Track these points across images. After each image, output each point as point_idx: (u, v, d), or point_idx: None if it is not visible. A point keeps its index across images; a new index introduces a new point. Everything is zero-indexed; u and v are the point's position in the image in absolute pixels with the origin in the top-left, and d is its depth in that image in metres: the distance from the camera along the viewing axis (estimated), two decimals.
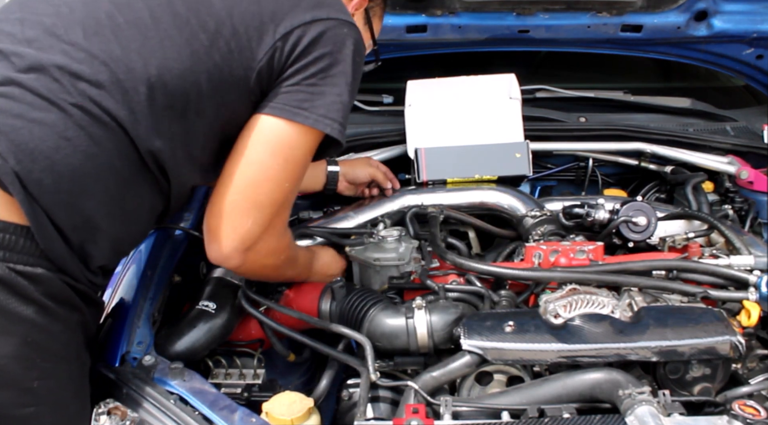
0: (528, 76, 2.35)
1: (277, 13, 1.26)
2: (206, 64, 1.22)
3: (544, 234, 1.82)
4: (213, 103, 1.26)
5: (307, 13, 1.27)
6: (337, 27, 1.29)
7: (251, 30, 1.24)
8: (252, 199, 1.33)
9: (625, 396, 1.26)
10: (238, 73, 1.25)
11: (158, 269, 1.65)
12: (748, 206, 2.10)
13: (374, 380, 1.40)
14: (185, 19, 1.21)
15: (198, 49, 1.21)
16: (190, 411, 1.30)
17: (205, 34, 1.22)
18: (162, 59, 1.19)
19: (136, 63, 1.18)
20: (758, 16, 2.09)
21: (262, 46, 1.25)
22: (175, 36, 1.20)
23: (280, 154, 1.31)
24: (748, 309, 1.51)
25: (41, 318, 1.15)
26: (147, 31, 1.20)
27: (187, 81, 1.21)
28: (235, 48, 1.24)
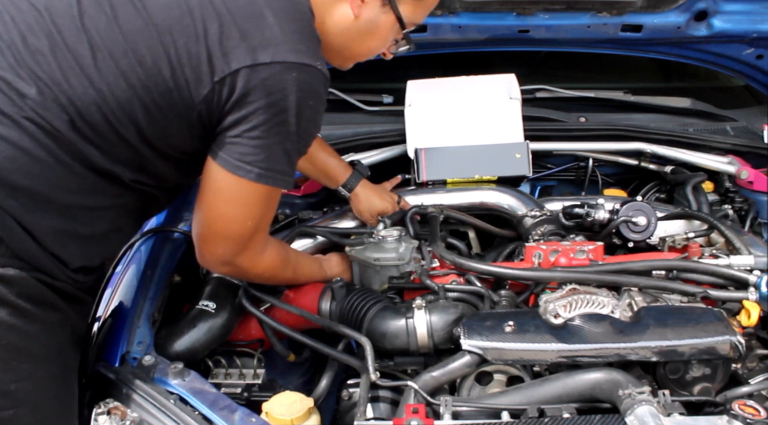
0: (528, 76, 2.35)
1: (214, 54, 1.18)
2: (144, 99, 1.19)
3: (544, 234, 1.83)
4: (155, 133, 1.23)
5: (249, 55, 1.18)
6: (282, 72, 1.19)
7: (188, 71, 1.18)
8: (217, 233, 1.36)
9: (625, 396, 1.26)
10: (179, 110, 1.22)
11: (158, 269, 1.65)
12: (748, 206, 2.10)
13: (374, 380, 1.40)
14: (123, 52, 1.17)
15: (135, 82, 1.18)
16: (190, 411, 1.30)
17: (142, 68, 1.17)
18: (100, 89, 1.17)
19: (76, 89, 1.16)
20: (758, 16, 2.09)
21: (200, 89, 1.19)
22: (111, 67, 1.17)
23: (233, 201, 1.30)
24: (748, 309, 1.51)
25: (16, 319, 1.15)
26: (84, 59, 1.16)
27: (126, 111, 1.19)
28: (174, 87, 1.19)
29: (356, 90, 2.42)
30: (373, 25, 1.39)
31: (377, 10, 1.37)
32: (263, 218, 1.38)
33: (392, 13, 1.38)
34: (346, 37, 1.40)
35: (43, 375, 1.22)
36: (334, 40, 1.39)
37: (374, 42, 1.45)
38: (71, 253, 1.23)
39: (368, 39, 1.43)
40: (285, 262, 1.55)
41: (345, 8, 1.36)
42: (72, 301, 1.28)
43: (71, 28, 1.17)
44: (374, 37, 1.43)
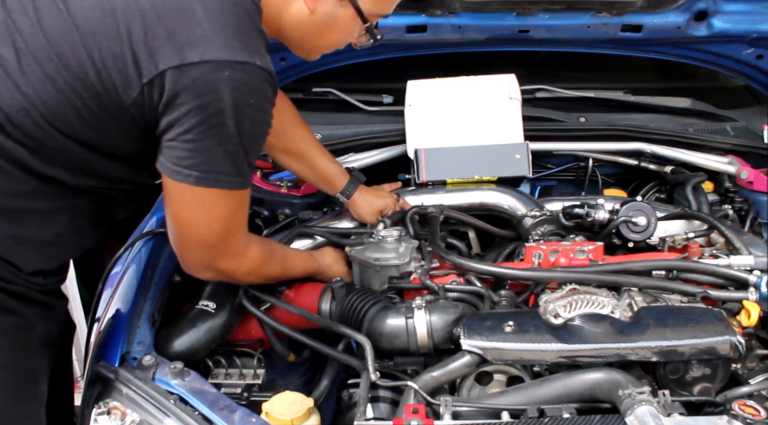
0: (528, 76, 2.35)
1: (140, 55, 1.12)
2: (74, 102, 1.15)
3: (544, 235, 1.83)
4: (92, 135, 1.20)
5: (176, 55, 1.11)
6: (213, 71, 1.12)
7: (114, 73, 1.13)
8: (188, 239, 1.32)
9: (625, 396, 1.26)
10: (112, 112, 1.17)
11: (158, 269, 1.65)
12: (748, 206, 2.10)
13: (374, 380, 1.40)
14: (47, 56, 1.13)
15: (63, 87, 1.14)
16: (190, 411, 1.30)
17: (67, 72, 1.14)
18: (27, 94, 1.14)
19: (3, 94, 1.14)
20: (758, 16, 2.09)
21: (129, 92, 1.14)
22: (37, 71, 1.13)
23: (185, 207, 1.25)
24: (748, 309, 1.51)
25: None
26: (9, 64, 1.14)
27: (57, 116, 1.15)
28: (102, 91, 1.15)
29: (356, 90, 2.42)
30: (331, 18, 1.33)
31: (333, 3, 1.31)
32: (231, 220, 1.31)
33: (351, 7, 1.31)
34: (304, 31, 1.35)
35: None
36: (292, 34, 1.34)
37: (335, 35, 1.40)
38: (24, 258, 1.21)
39: (328, 33, 1.37)
40: (270, 258, 1.51)
41: (299, 3, 1.30)
42: (32, 304, 1.26)
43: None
44: (334, 31, 1.38)
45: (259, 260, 1.47)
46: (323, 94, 2.38)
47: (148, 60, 1.12)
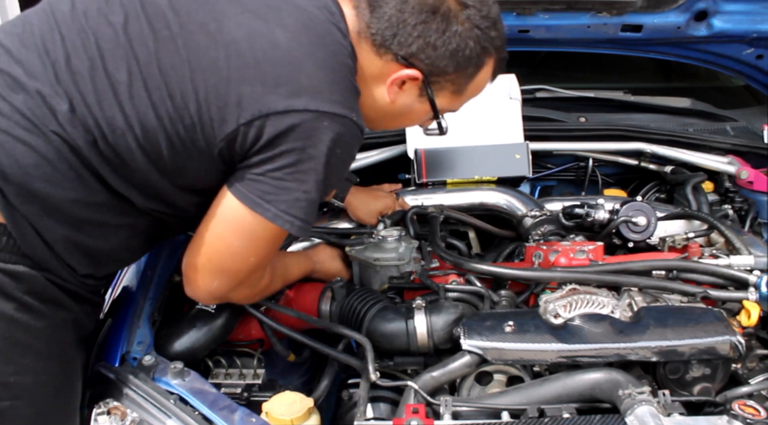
0: (528, 76, 2.35)
1: (244, 97, 1.18)
2: (169, 131, 1.20)
3: (544, 235, 1.83)
4: (175, 165, 1.25)
5: (282, 101, 1.18)
6: (314, 120, 1.18)
7: (214, 109, 1.19)
8: (217, 267, 1.33)
9: (625, 396, 1.26)
10: (201, 145, 1.22)
11: (158, 269, 1.65)
12: (748, 206, 2.10)
13: (374, 380, 1.40)
14: (156, 84, 1.19)
15: (163, 115, 1.19)
16: (190, 411, 1.30)
17: (171, 101, 1.19)
18: (129, 115, 1.19)
19: (106, 112, 1.19)
20: (758, 16, 2.09)
21: (224, 128, 1.19)
22: (144, 97, 1.19)
23: (242, 235, 1.29)
24: (748, 309, 1.51)
25: (21, 314, 1.18)
26: (120, 86, 1.19)
27: (150, 141, 1.20)
28: (197, 123, 1.20)
29: None
30: (407, 109, 1.39)
31: (413, 98, 1.36)
32: (266, 257, 1.37)
33: (428, 103, 1.36)
34: (379, 114, 1.40)
35: (43, 371, 1.24)
36: (367, 112, 1.37)
37: (405, 122, 1.51)
38: (79, 262, 1.26)
39: (400, 120, 1.45)
40: (273, 278, 1.53)
41: (382, 90, 1.34)
42: (81, 302, 1.30)
43: (114, 55, 1.20)
44: (406, 119, 1.46)
45: (266, 284, 1.50)
46: None
47: (253, 102, 1.18)
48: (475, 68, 1.34)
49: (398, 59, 1.28)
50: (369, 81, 1.33)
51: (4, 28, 1.26)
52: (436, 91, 1.35)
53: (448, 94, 1.37)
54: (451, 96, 1.38)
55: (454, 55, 1.28)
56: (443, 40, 1.27)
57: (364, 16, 1.28)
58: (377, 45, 1.28)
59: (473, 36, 1.28)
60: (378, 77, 1.32)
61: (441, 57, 1.28)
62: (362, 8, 1.28)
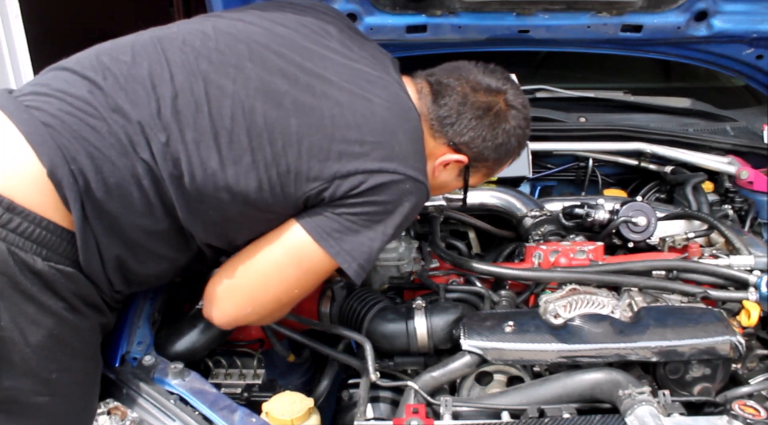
0: (528, 76, 2.35)
1: (344, 155, 1.28)
2: (261, 174, 1.27)
3: (544, 235, 1.83)
4: (259, 207, 1.30)
5: (375, 163, 1.30)
6: (401, 182, 1.31)
7: (313, 161, 1.28)
8: (258, 292, 1.38)
9: (625, 396, 1.26)
10: (289, 191, 1.29)
11: None
12: (748, 206, 2.10)
13: (374, 380, 1.41)
14: (258, 131, 1.26)
15: (259, 159, 1.26)
16: (190, 411, 1.30)
17: (271, 148, 1.27)
18: (225, 157, 1.25)
19: (201, 152, 1.24)
20: (758, 16, 2.09)
21: (320, 178, 1.28)
22: (243, 141, 1.26)
23: (299, 266, 1.35)
24: (748, 309, 1.51)
25: (69, 314, 1.22)
26: (221, 130, 1.25)
27: (240, 184, 1.27)
28: (293, 170, 1.28)
29: None
30: (444, 184, 1.51)
31: (453, 177, 1.49)
32: (307, 292, 1.42)
33: (462, 182, 1.51)
34: None
35: (79, 371, 1.28)
36: None
37: (437, 193, 1.67)
38: (118, 279, 1.30)
39: (434, 192, 1.53)
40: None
41: (430, 165, 1.43)
42: (111, 310, 1.36)
43: (220, 102, 1.26)
44: (437, 191, 1.58)
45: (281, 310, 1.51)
46: None
47: (352, 160, 1.29)
48: (509, 158, 1.52)
49: (450, 144, 1.42)
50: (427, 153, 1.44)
51: (111, 54, 1.31)
52: (472, 173, 1.49)
53: (480, 175, 1.52)
54: (482, 177, 1.53)
55: (498, 148, 1.44)
56: (492, 135, 1.42)
57: (426, 101, 1.42)
58: (434, 129, 1.41)
59: (516, 134, 1.45)
60: (429, 155, 1.43)
61: (487, 148, 1.43)
62: (425, 94, 1.43)
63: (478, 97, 1.41)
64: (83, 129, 1.20)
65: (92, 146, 1.20)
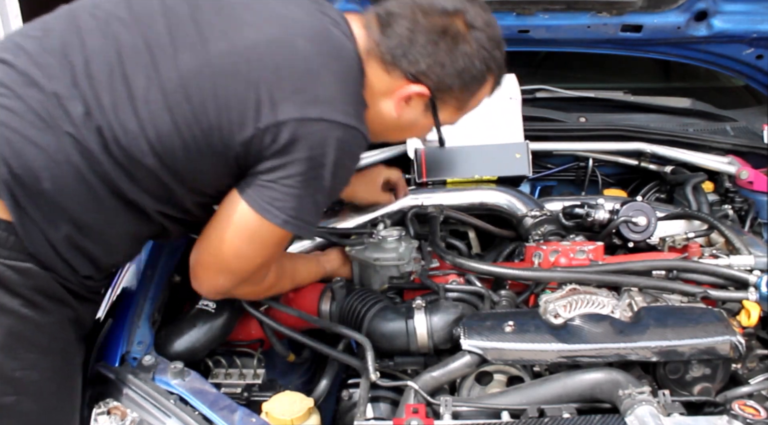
0: (528, 76, 2.35)
1: (263, 102, 1.21)
2: (185, 134, 1.22)
3: (544, 235, 1.83)
4: (189, 169, 1.26)
5: (298, 109, 1.22)
6: (326, 130, 1.23)
7: (234, 113, 1.22)
8: (223, 265, 1.36)
9: (625, 396, 1.26)
10: (218, 149, 1.24)
11: (158, 269, 1.65)
12: (748, 206, 2.10)
13: (374, 380, 1.41)
14: (173, 88, 1.21)
15: (178, 117, 1.21)
16: (190, 411, 1.30)
17: (189, 104, 1.21)
18: (143, 119, 1.21)
19: (120, 116, 1.20)
20: (758, 16, 2.09)
21: (243, 132, 1.22)
22: (159, 100, 1.21)
23: (250, 239, 1.32)
24: (748, 309, 1.51)
25: (28, 310, 1.20)
26: (137, 91, 1.21)
27: (165, 144, 1.22)
28: (216, 126, 1.22)
29: None
30: (412, 123, 1.42)
31: (419, 113, 1.40)
32: (271, 257, 1.40)
33: (432, 118, 1.41)
34: (384, 128, 1.43)
35: (48, 367, 1.26)
36: (372, 125, 1.39)
37: (408, 135, 1.59)
38: (80, 263, 1.27)
39: (403, 133, 1.50)
40: (281, 277, 1.54)
41: (389, 104, 1.37)
42: (83, 301, 1.32)
43: (133, 61, 1.22)
44: (409, 133, 1.52)
45: (273, 282, 1.50)
46: None
47: (271, 108, 1.21)
48: (478, 85, 1.39)
49: (407, 76, 1.32)
50: (377, 96, 1.37)
51: (25, 32, 1.28)
52: (440, 107, 1.39)
53: (451, 109, 1.42)
54: (453, 111, 1.43)
55: (461, 74, 1.33)
56: (451, 60, 1.31)
57: (373, 35, 1.33)
58: (387, 62, 1.32)
59: (480, 56, 1.33)
60: (386, 92, 1.35)
61: (448, 75, 1.32)
62: (372, 28, 1.33)
63: (431, 20, 1.30)
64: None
65: (9, 129, 1.16)
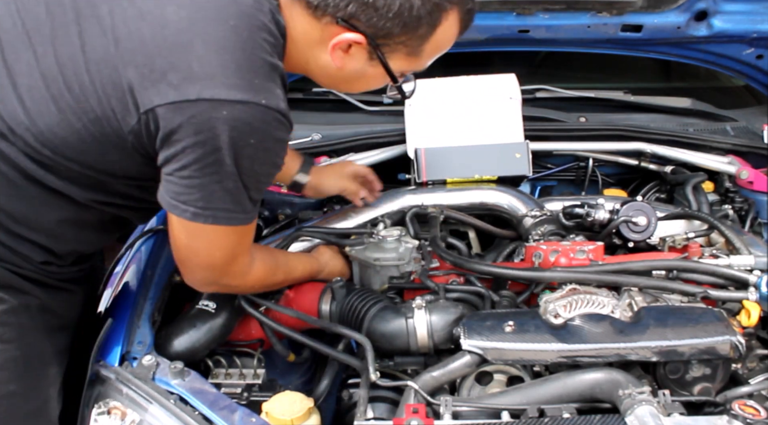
0: (528, 76, 2.35)
1: (135, 87, 1.10)
2: (75, 125, 1.15)
3: (544, 234, 1.83)
4: (94, 158, 1.20)
5: (172, 90, 1.08)
6: (209, 110, 1.08)
7: (114, 101, 1.12)
8: (190, 262, 1.33)
9: (625, 396, 1.26)
10: (113, 139, 1.16)
11: (158, 269, 1.65)
12: (748, 206, 2.10)
13: (374, 380, 1.40)
14: (53, 76, 1.14)
15: (64, 108, 1.14)
16: (190, 411, 1.30)
17: (70, 94, 1.13)
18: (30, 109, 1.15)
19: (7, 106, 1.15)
20: (758, 16, 2.09)
21: (128, 119, 1.13)
22: (42, 89, 1.14)
23: (187, 236, 1.24)
24: (748, 309, 1.51)
25: None
26: (19, 77, 1.14)
27: (57, 135, 1.16)
28: (102, 116, 1.14)
29: None
30: (360, 74, 1.30)
31: (363, 62, 1.27)
32: (234, 248, 1.30)
33: (381, 67, 1.27)
34: (331, 81, 1.35)
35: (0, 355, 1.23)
36: (320, 79, 1.32)
37: (364, 86, 1.38)
38: (30, 250, 1.23)
39: (356, 84, 1.36)
40: (273, 269, 1.52)
41: (325, 56, 1.25)
42: (46, 287, 1.28)
43: (13, 45, 1.16)
44: (363, 83, 1.36)
45: (263, 273, 1.49)
46: (323, 94, 2.37)
47: (144, 93, 1.10)
48: (429, 27, 1.23)
49: (338, 22, 1.18)
50: (312, 45, 1.24)
51: None
52: (388, 54, 1.25)
53: (402, 56, 1.27)
54: (407, 58, 1.28)
55: (399, 16, 1.17)
56: (384, 1, 1.16)
57: None
58: (312, 7, 1.18)
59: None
60: (320, 42, 1.22)
61: (383, 18, 1.17)
62: None
63: None
64: None
65: None
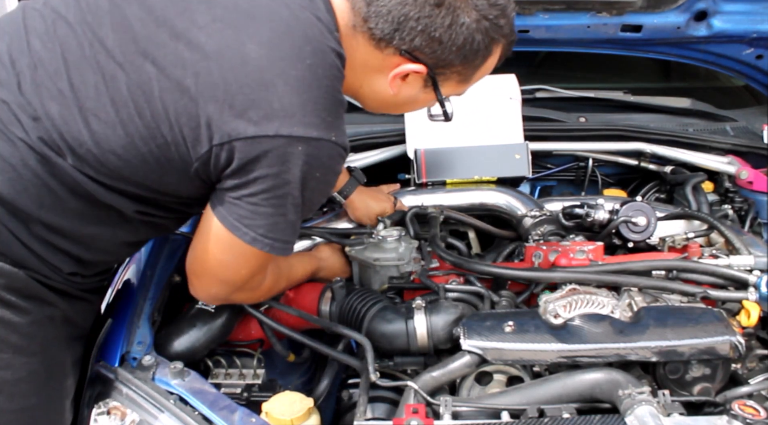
0: (528, 76, 2.35)
1: (213, 119, 1.13)
2: (141, 149, 1.17)
3: (544, 235, 1.83)
4: (153, 180, 1.23)
5: (251, 126, 1.12)
6: (286, 146, 1.13)
7: (186, 130, 1.15)
8: (213, 275, 1.35)
9: (624, 396, 1.26)
10: (177, 164, 1.20)
11: (158, 269, 1.65)
12: (748, 206, 2.10)
13: (374, 380, 1.40)
14: (124, 101, 1.15)
15: (133, 132, 1.16)
16: (190, 411, 1.30)
17: (141, 120, 1.16)
18: (96, 132, 1.16)
19: (71, 127, 1.16)
20: (758, 16, 2.09)
21: (197, 148, 1.16)
22: (111, 113, 1.16)
23: (229, 252, 1.28)
24: (748, 309, 1.51)
25: (1, 310, 1.17)
26: (87, 101, 1.16)
27: (122, 158, 1.18)
28: (171, 142, 1.16)
29: None
30: (412, 100, 1.35)
31: (418, 89, 1.32)
32: (258, 267, 1.36)
33: (433, 93, 1.32)
34: (382, 104, 1.38)
35: (22, 367, 1.23)
36: (370, 103, 1.36)
37: (409, 109, 1.50)
38: (61, 261, 1.24)
39: (403, 108, 1.44)
40: (278, 279, 1.54)
41: (383, 82, 1.29)
42: (70, 298, 1.29)
43: (80, 67, 1.17)
44: (409, 108, 1.44)
45: (271, 285, 1.50)
46: None
47: (222, 127, 1.13)
48: (482, 58, 1.29)
49: (401, 53, 1.23)
50: (369, 72, 1.29)
51: None
52: (441, 81, 1.30)
53: (453, 83, 1.32)
54: (457, 84, 1.34)
55: (461, 49, 1.23)
56: (449, 35, 1.20)
57: (360, 9, 1.21)
58: (376, 39, 1.22)
59: (481, 28, 1.22)
60: (379, 69, 1.27)
61: (447, 51, 1.22)
62: (357, 1, 1.22)
63: None
64: None
65: None
